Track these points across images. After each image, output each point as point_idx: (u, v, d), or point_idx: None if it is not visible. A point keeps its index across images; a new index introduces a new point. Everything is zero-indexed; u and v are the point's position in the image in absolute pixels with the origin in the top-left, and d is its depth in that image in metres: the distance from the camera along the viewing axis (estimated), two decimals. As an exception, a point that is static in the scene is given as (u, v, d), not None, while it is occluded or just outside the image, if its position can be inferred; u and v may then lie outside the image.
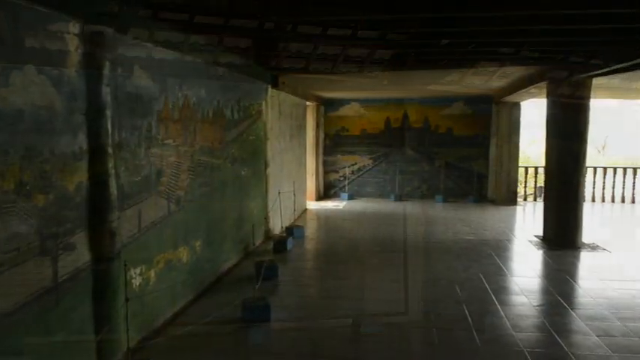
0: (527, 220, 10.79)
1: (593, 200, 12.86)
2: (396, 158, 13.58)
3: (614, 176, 12.98)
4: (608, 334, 4.40)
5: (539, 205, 10.54)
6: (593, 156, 26.43)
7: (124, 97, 3.81)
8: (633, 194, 12.83)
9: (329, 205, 12.45)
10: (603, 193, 12.95)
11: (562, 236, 7.73)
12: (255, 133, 7.44)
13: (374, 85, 10.29)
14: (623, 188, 12.89)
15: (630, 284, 5.88)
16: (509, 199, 12.30)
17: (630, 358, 3.94)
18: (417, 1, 4.10)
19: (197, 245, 5.29)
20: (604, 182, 12.97)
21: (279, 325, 4.63)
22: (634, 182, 12.87)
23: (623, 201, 12.86)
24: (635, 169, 13.15)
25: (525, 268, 6.72)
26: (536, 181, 13.34)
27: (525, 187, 13.69)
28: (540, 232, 8.35)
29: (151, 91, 4.26)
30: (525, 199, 13.36)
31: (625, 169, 13.18)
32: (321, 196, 13.48)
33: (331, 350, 4.13)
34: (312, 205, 12.23)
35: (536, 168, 13.37)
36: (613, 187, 12.93)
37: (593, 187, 12.86)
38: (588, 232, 8.15)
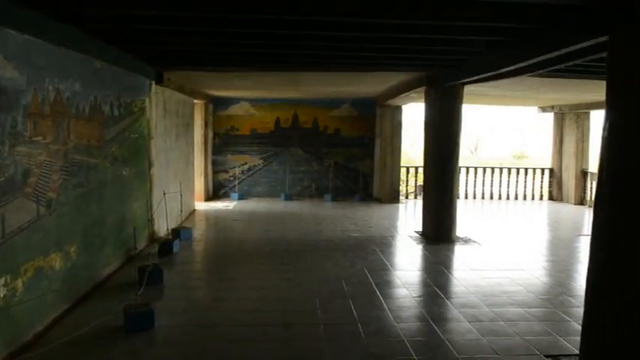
0: (409, 216, 11.42)
1: (466, 198, 14.04)
2: (286, 158, 13.70)
3: (484, 175, 14.27)
4: (478, 320, 4.80)
5: (420, 202, 11.20)
6: (467, 157, 28.74)
7: (-18, 89, 3.43)
8: (500, 192, 14.20)
9: (219, 205, 12.23)
10: (475, 191, 14.18)
11: (438, 231, 8.31)
12: (138, 131, 7.08)
13: (264, 85, 10.29)
14: (492, 186, 14.22)
15: (497, 273, 6.46)
16: (393, 197, 12.99)
17: (496, 340, 4.33)
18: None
19: (72, 251, 4.91)
20: (475, 181, 14.21)
21: (164, 331, 4.44)
22: (500, 180, 14.25)
23: (491, 198, 14.18)
24: (501, 169, 14.57)
25: (406, 262, 7.12)
26: (416, 180, 14.22)
27: (407, 185, 14.54)
28: (420, 228, 8.91)
29: (16, 83, 3.86)
30: (407, 197, 14.17)
31: (493, 168, 14.54)
32: (211, 197, 13.21)
33: (219, 353, 4.04)
34: (201, 205, 11.94)
35: (416, 168, 14.24)
36: (483, 185, 14.21)
37: (466, 186, 14.05)
38: (462, 227, 8.86)
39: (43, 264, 4.30)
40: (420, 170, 13.05)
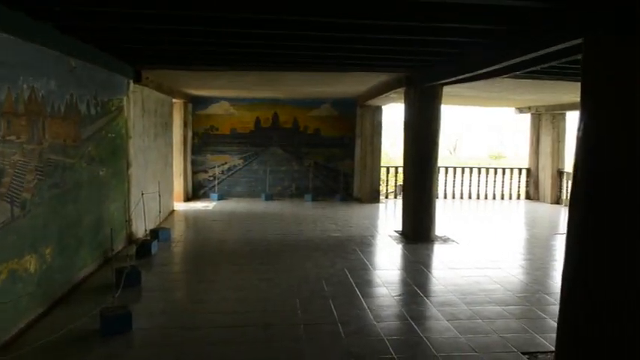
0: (389, 216, 11.49)
1: (445, 197, 14.17)
2: (266, 158, 13.66)
3: (463, 175, 14.43)
4: (456, 318, 4.84)
5: (399, 202, 11.27)
6: (445, 157, 29.03)
7: (-47, 87, 3.34)
8: (478, 191, 14.37)
9: (198, 205, 12.13)
10: (454, 191, 14.33)
11: (418, 231, 8.38)
12: (116, 130, 6.98)
13: (244, 85, 10.24)
14: (470, 186, 14.39)
15: (475, 271, 6.54)
16: (373, 197, 13.05)
17: (474, 338, 4.37)
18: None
19: (47, 253, 4.81)
20: (454, 181, 14.37)
21: (142, 333, 4.39)
22: (479, 180, 14.43)
23: (470, 197, 14.34)
24: (479, 169, 14.76)
25: (386, 261, 7.15)
26: (396, 180, 14.30)
27: (387, 185, 14.61)
28: (399, 228, 8.97)
29: (-12, 82, 3.79)
30: (387, 197, 14.24)
31: (471, 168, 14.71)
32: (190, 197, 13.09)
33: (198, 355, 4.01)
34: (181, 206, 11.83)
35: (396, 168, 14.32)
36: (462, 185, 14.37)
37: (445, 186, 14.19)
38: (440, 227, 8.94)
39: (17, 266, 4.22)
40: (400, 170, 13.12)
